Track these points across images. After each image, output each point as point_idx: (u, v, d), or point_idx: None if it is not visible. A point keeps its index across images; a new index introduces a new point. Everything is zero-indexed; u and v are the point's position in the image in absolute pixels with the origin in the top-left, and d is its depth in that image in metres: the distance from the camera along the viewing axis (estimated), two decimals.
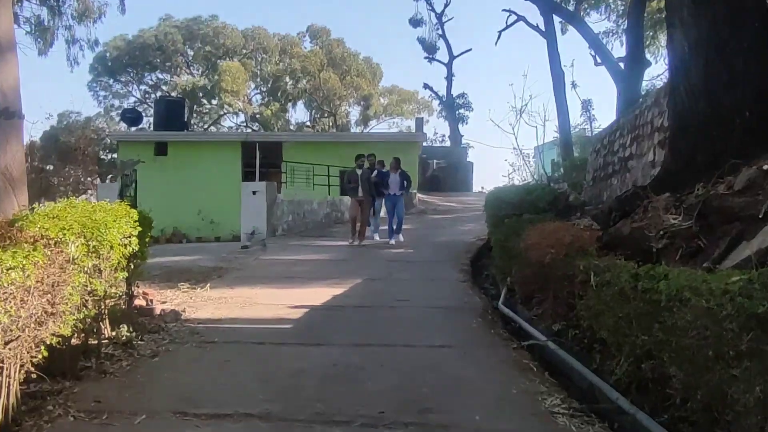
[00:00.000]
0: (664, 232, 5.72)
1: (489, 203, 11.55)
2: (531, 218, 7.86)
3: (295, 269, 11.23)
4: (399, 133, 38.06)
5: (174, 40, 50.07)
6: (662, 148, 8.17)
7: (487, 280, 10.76)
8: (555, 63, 25.64)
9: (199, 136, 28.98)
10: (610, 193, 11.20)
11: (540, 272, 6.40)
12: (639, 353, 4.26)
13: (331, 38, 55.34)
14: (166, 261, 12.50)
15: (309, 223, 18.60)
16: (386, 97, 59.90)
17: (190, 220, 23.47)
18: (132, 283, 6.91)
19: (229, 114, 54.25)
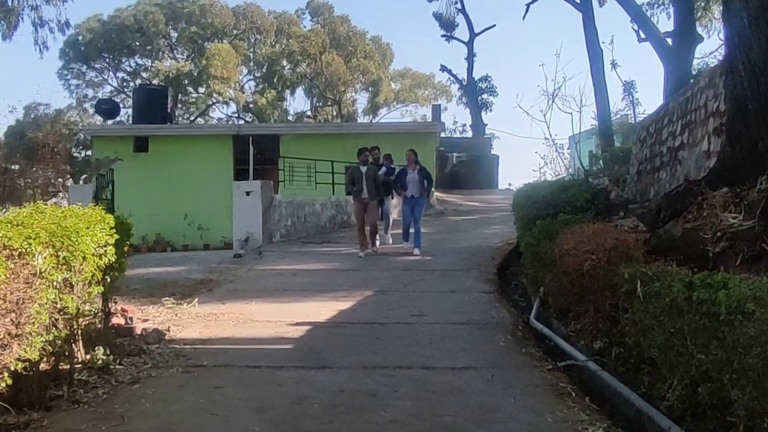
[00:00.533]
0: (722, 233, 5.66)
1: (518, 202, 11.50)
2: (566, 219, 7.80)
3: (296, 280, 11.23)
4: (413, 123, 38.05)
5: (155, 21, 50.19)
6: (718, 136, 8.09)
7: (516, 291, 10.73)
8: (592, 40, 25.52)
9: (184, 129, 29.09)
10: (657, 188, 11.11)
11: (578, 282, 6.35)
12: (694, 374, 4.20)
13: (335, 15, 55.44)
14: (148, 272, 12.55)
15: (311, 228, 18.60)
16: (398, 82, 59.95)
17: (175, 226, 23.56)
18: (109, 298, 6.92)
19: (219, 104, 54.46)
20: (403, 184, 14.08)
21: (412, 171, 14.12)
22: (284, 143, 24.74)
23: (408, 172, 14.16)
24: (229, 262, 13.96)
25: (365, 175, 13.93)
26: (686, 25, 19.15)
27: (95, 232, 5.73)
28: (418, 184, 14.01)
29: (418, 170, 14.14)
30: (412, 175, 14.06)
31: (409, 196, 14.01)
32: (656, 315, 4.64)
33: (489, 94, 37.16)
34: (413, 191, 13.99)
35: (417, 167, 14.18)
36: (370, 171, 14.07)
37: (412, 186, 14.00)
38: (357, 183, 13.92)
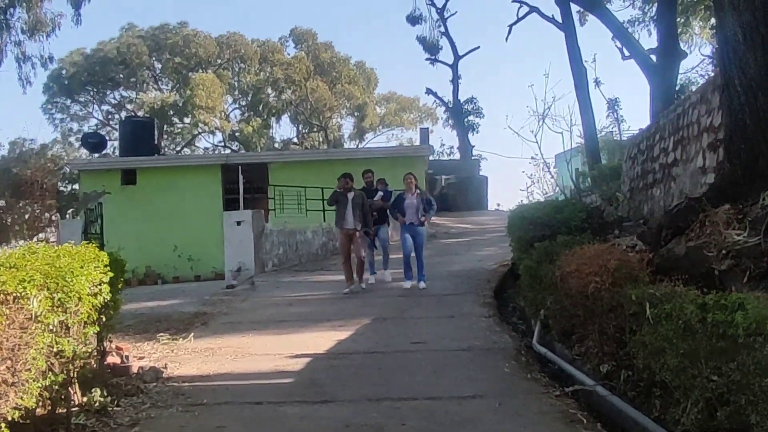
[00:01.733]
0: (727, 251, 5.59)
1: (513, 224, 11.41)
2: (566, 240, 7.71)
3: (291, 311, 11.08)
4: (402, 147, 38.10)
5: (138, 52, 50.18)
6: (713, 151, 8.07)
7: (514, 314, 10.62)
8: (575, 59, 25.69)
9: (172, 160, 28.84)
10: (651, 206, 11.08)
11: (581, 304, 6.26)
12: (711, 398, 4.11)
13: (318, 42, 55.63)
14: (140, 307, 12.38)
15: (303, 256, 18.45)
16: (383, 106, 60.14)
17: (165, 258, 23.31)
18: (104, 337, 6.78)
19: (205, 133, 54.35)
20: (401, 209, 12.68)
21: (411, 196, 12.64)
22: (273, 171, 24.62)
23: (407, 197, 12.67)
24: (222, 293, 13.78)
25: (351, 201, 12.48)
26: (669, 41, 19.28)
27: (90, 271, 5.61)
28: (417, 210, 12.56)
29: (417, 195, 12.69)
30: (411, 200, 12.60)
31: (407, 223, 12.58)
32: (668, 337, 4.54)
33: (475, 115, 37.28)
34: (412, 218, 12.55)
35: (417, 192, 12.73)
36: (358, 198, 12.58)
37: (411, 212, 12.57)
38: (341, 209, 12.54)
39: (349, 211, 12.42)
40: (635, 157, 12.71)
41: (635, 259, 5.98)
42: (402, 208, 12.64)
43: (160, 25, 52.12)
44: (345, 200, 12.51)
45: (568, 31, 25.83)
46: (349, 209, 12.43)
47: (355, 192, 12.71)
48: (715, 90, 8.22)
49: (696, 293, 4.72)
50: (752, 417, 3.69)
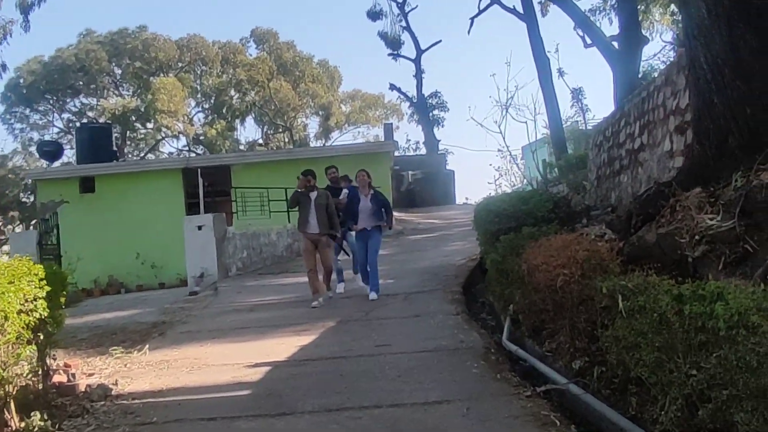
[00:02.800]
0: (701, 236, 5.29)
1: (479, 217, 11.10)
2: (531, 232, 7.41)
3: (253, 316, 10.66)
4: (367, 144, 37.60)
5: (98, 59, 49.29)
6: (680, 134, 7.79)
7: (483, 310, 10.31)
8: (538, 49, 25.53)
9: (131, 166, 28.19)
10: (619, 193, 10.82)
11: (551, 299, 5.94)
12: (690, 394, 3.79)
13: (280, 41, 55.14)
14: (97, 319, 11.94)
15: (267, 258, 18.02)
16: (348, 104, 59.84)
17: (127, 266, 22.73)
18: (47, 355, 6.33)
19: (169, 138, 53.70)
20: (353, 213, 11.28)
21: (364, 197, 11.24)
22: (235, 173, 24.15)
23: (360, 199, 11.26)
24: (184, 300, 13.35)
25: (314, 202, 11.00)
26: (631, 27, 19.10)
27: (20, 287, 5.17)
28: (372, 213, 11.20)
29: (372, 196, 11.30)
30: (365, 202, 11.21)
31: (360, 228, 11.20)
32: (643, 331, 4.22)
33: (440, 109, 37.00)
34: (366, 223, 11.15)
35: (371, 192, 11.35)
36: (322, 198, 11.09)
37: (365, 216, 11.18)
38: (303, 211, 11.11)
39: (313, 213, 10.94)
40: (601, 144, 12.45)
41: (605, 249, 5.67)
42: (355, 212, 11.24)
43: (119, 30, 51.28)
44: (307, 201, 11.03)
45: (530, 21, 25.66)
46: (312, 211, 10.95)
47: (319, 191, 11.19)
48: (679, 71, 7.94)
49: (670, 283, 4.41)
50: (736, 415, 3.38)
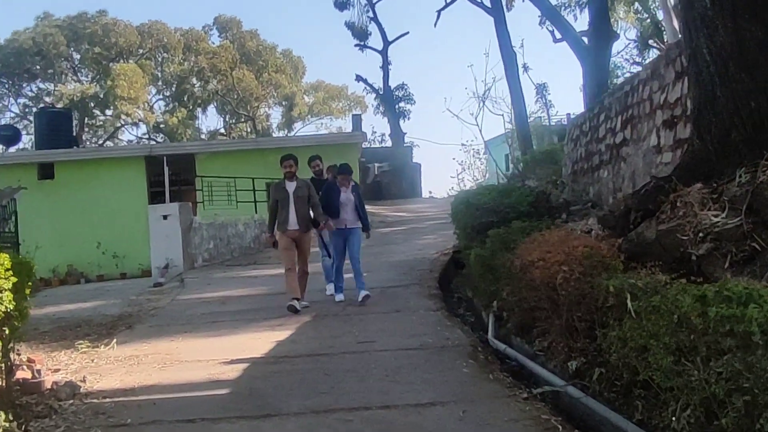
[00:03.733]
0: (705, 233, 5.11)
1: (458, 210, 10.88)
2: (523, 227, 7.20)
3: (225, 309, 10.29)
4: (335, 134, 37.11)
5: (56, 43, 48.08)
6: (669, 129, 7.65)
7: (461, 305, 10.12)
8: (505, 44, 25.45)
9: (92, 153, 27.36)
10: (599, 188, 10.69)
11: (547, 296, 5.71)
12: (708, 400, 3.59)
13: (243, 30, 54.42)
14: (59, 311, 11.48)
15: (235, 250, 17.61)
16: (311, 95, 59.26)
17: (88, 255, 22.07)
18: (11, 350, 5.91)
19: (128, 125, 52.73)
20: (334, 207, 9.97)
21: (345, 190, 10.11)
22: (200, 162, 23.58)
23: (341, 192, 10.08)
24: (149, 292, 12.92)
25: (293, 195, 9.80)
26: (601, 22, 19.07)
27: None
28: (354, 208, 10.09)
29: (352, 188, 10.24)
30: (347, 195, 10.07)
31: (342, 227, 10.02)
32: (656, 333, 4.01)
33: (406, 102, 36.74)
34: (348, 219, 10.02)
35: (351, 184, 10.28)
36: (302, 190, 9.85)
37: (347, 211, 10.03)
38: (282, 207, 9.84)
39: (292, 209, 9.74)
40: (578, 138, 12.33)
41: (605, 246, 5.46)
42: (335, 206, 9.96)
43: (78, 14, 50.12)
44: (285, 196, 9.82)
45: (497, 15, 25.55)
46: (292, 205, 9.75)
47: (298, 181, 9.93)
48: (668, 64, 7.81)
49: (683, 283, 4.22)
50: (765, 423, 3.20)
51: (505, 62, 25.08)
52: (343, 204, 10.02)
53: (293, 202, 9.77)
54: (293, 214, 9.75)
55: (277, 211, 9.88)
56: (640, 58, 39.22)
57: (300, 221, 9.76)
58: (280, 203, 9.83)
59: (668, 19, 28.40)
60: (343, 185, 10.14)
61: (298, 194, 9.80)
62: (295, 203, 9.77)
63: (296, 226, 9.76)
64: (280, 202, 9.84)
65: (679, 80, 7.41)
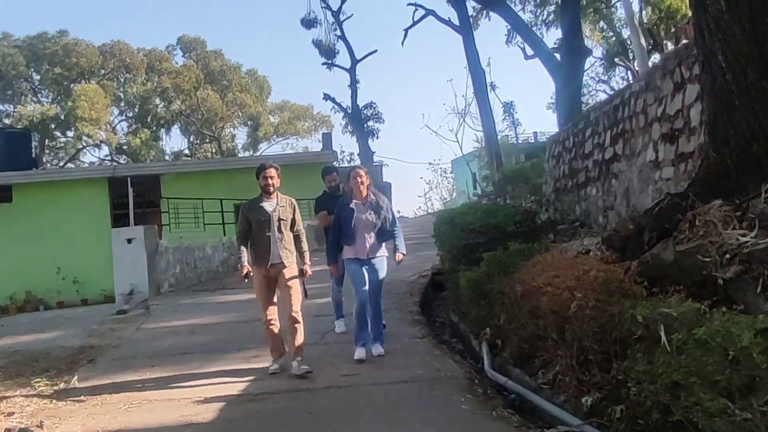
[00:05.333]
0: (731, 255, 4.62)
1: (441, 231, 10.34)
2: (521, 249, 6.68)
3: (194, 339, 9.60)
4: (304, 153, 36.31)
5: (15, 63, 47.09)
6: (669, 142, 7.22)
7: (445, 331, 9.54)
8: (474, 62, 25.27)
9: (53, 174, 26.39)
10: (587, 206, 10.24)
11: (555, 325, 5.18)
12: None
13: (207, 50, 53.80)
14: (15, 343, 10.70)
15: (202, 274, 16.88)
16: (277, 115, 58.75)
17: (47, 281, 21.18)
18: None
19: (90, 147, 51.62)
20: (347, 232, 7.50)
21: (362, 205, 7.53)
22: (166, 183, 22.84)
23: (356, 208, 7.51)
24: (113, 320, 12.17)
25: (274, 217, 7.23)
26: (573, 38, 18.87)
27: None
28: (374, 229, 7.52)
29: (371, 205, 7.55)
30: (364, 213, 7.49)
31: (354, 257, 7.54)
32: (700, 370, 3.50)
33: (375, 120, 36.27)
34: (366, 247, 7.50)
35: (370, 199, 7.58)
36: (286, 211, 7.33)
37: (364, 233, 7.48)
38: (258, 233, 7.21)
39: (273, 234, 7.16)
40: (560, 155, 11.90)
41: (620, 270, 4.96)
42: (348, 230, 7.47)
43: (38, 35, 49.27)
44: (263, 219, 7.18)
45: (466, 34, 25.38)
46: (273, 229, 7.17)
47: (279, 198, 7.36)
48: (666, 75, 7.39)
49: (728, 312, 3.73)
50: None
51: (473, 80, 24.92)
52: (358, 225, 7.44)
53: (275, 228, 7.17)
54: (275, 244, 7.13)
55: (250, 240, 7.32)
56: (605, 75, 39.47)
57: (284, 251, 7.18)
58: (256, 228, 7.21)
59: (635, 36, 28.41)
60: (355, 198, 7.55)
61: (281, 216, 7.23)
62: (278, 229, 7.18)
63: (279, 260, 7.13)
64: (256, 226, 7.20)
65: (679, 91, 7.00)
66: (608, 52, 36.80)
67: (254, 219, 7.25)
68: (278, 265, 7.16)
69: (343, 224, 7.55)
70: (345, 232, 7.51)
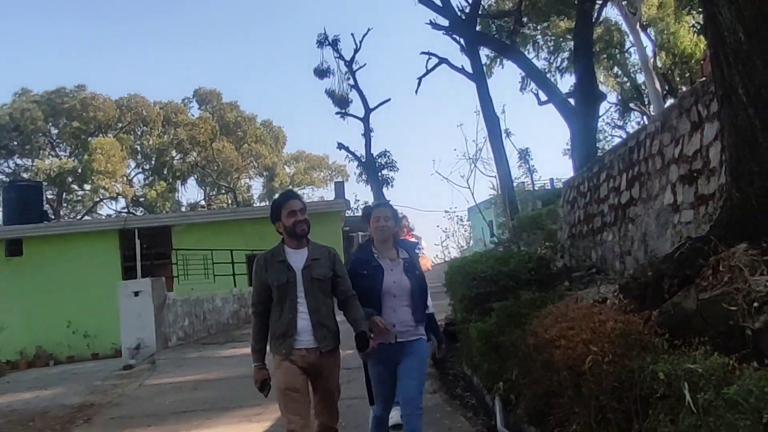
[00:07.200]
0: (760, 303, 4.25)
1: (453, 280, 10.00)
2: (533, 299, 6.32)
3: (196, 396, 9.26)
4: (316, 202, 36.17)
5: (33, 118, 47.53)
6: (689, 184, 6.87)
7: (457, 384, 9.14)
8: (488, 109, 25.09)
9: (63, 227, 26.18)
10: (602, 252, 9.86)
11: (570, 381, 4.80)
12: None
13: (223, 102, 54.21)
14: (14, 401, 10.40)
15: (212, 326, 16.58)
16: (292, 166, 58.95)
17: (57, 336, 20.90)
18: None
19: (107, 200, 51.74)
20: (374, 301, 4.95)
21: (390, 263, 5.14)
22: (177, 234, 22.66)
23: (385, 267, 5.11)
24: (117, 376, 11.87)
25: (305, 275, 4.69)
26: (587, 82, 18.63)
27: None
28: (410, 296, 5.09)
29: (405, 263, 5.20)
30: (395, 275, 5.10)
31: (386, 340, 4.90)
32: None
33: (389, 169, 36.10)
34: (403, 320, 5.03)
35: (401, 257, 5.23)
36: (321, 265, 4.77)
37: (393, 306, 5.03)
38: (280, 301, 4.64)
39: (302, 306, 4.66)
40: (574, 200, 11.56)
41: (638, 321, 4.58)
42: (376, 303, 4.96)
43: (56, 89, 49.75)
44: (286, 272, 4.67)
45: (479, 81, 25.25)
46: (300, 293, 4.67)
47: (314, 249, 4.85)
48: (682, 114, 7.08)
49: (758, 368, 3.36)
50: None
51: (488, 127, 24.69)
52: (387, 292, 5.02)
53: (304, 291, 4.66)
54: (306, 317, 4.62)
55: (270, 312, 4.72)
56: (621, 121, 39.25)
57: (320, 330, 4.64)
58: (278, 293, 4.66)
59: (650, 80, 28.32)
60: (381, 252, 5.21)
61: (314, 273, 4.70)
62: (308, 293, 4.66)
63: (312, 342, 4.61)
64: (277, 290, 4.66)
65: (697, 130, 6.68)
66: (623, 97, 36.64)
67: (274, 280, 4.64)
68: (312, 351, 4.58)
69: (365, 289, 4.95)
70: (367, 304, 4.88)
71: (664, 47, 31.68)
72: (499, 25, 25.86)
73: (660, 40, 31.85)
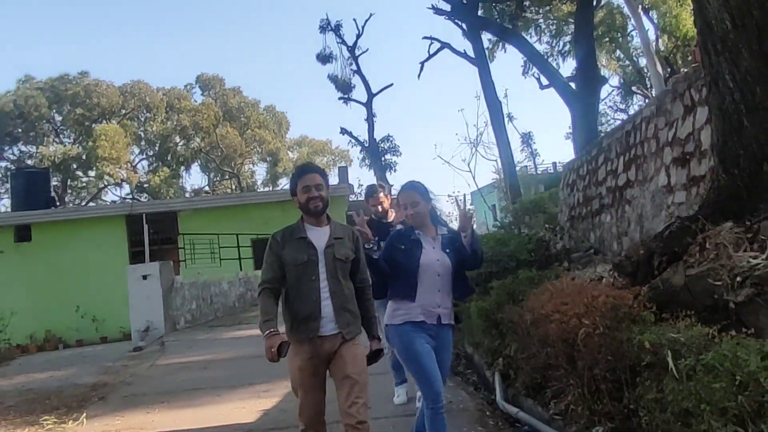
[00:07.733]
0: (743, 278, 4.51)
1: None
2: (530, 276, 6.58)
3: (206, 375, 9.55)
4: None
5: (37, 105, 47.61)
6: (681, 166, 7.12)
7: (459, 362, 9.39)
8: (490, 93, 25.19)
9: (71, 213, 26.47)
10: (601, 233, 10.12)
11: (564, 353, 5.07)
12: None
13: (226, 88, 54.25)
14: (29, 381, 10.68)
15: (219, 309, 16.88)
16: (296, 151, 59.04)
17: (66, 320, 21.18)
18: None
19: (111, 186, 51.96)
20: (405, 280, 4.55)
21: (430, 240, 4.67)
22: (183, 219, 22.93)
23: (425, 243, 4.65)
24: (128, 357, 12.15)
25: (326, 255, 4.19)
26: (588, 66, 18.77)
27: None
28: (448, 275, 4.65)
29: (443, 239, 4.71)
30: (431, 252, 4.63)
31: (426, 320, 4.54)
32: (709, 397, 3.38)
33: (392, 153, 36.31)
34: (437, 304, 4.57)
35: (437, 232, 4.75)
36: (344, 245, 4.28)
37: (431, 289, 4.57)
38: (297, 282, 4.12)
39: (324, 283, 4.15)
40: (574, 183, 11.81)
41: (629, 296, 4.84)
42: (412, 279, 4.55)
43: (60, 76, 49.75)
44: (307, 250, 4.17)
45: (482, 65, 25.33)
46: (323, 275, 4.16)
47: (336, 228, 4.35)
48: (676, 98, 7.32)
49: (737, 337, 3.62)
50: None
51: (490, 111, 24.79)
52: (424, 271, 4.56)
53: (326, 272, 4.18)
54: (328, 300, 4.14)
55: (285, 295, 4.22)
56: (623, 104, 39.35)
57: (343, 315, 4.16)
58: (294, 275, 4.17)
59: (652, 63, 28.37)
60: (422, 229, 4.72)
61: (337, 254, 4.24)
62: (331, 274, 4.19)
63: (334, 328, 4.12)
64: (295, 271, 4.17)
65: (690, 114, 6.92)
66: (625, 80, 36.71)
67: (291, 259, 4.15)
68: (333, 338, 4.11)
69: (401, 265, 4.58)
70: (403, 280, 4.55)
71: (666, 30, 31.72)
72: (501, 9, 25.88)
73: (662, 23, 31.88)
